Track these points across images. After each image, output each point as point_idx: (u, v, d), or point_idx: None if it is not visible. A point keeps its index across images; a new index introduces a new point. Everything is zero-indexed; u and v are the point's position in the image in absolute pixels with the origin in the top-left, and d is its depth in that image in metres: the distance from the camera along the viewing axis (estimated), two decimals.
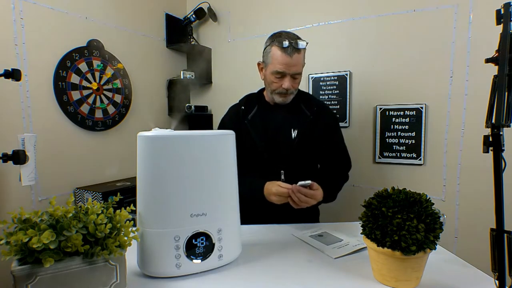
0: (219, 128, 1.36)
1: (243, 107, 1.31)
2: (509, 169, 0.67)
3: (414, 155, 1.77)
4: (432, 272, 0.74)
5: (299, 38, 1.17)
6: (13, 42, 1.49)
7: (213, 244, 0.75)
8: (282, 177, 1.22)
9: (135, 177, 0.74)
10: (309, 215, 1.31)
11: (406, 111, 1.77)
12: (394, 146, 1.82)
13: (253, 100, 1.34)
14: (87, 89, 1.81)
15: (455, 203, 1.69)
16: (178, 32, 2.38)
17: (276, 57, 1.15)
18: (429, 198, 0.68)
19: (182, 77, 2.28)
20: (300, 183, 1.00)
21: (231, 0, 2.30)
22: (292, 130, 1.25)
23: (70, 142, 1.74)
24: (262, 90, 1.35)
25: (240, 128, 1.26)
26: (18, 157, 1.08)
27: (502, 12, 0.60)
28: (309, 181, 1.00)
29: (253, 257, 0.84)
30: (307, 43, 1.16)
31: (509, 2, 0.60)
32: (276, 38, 1.16)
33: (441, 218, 0.66)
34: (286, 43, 1.12)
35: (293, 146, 1.23)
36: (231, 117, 1.35)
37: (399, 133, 1.80)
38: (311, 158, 1.29)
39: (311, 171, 1.31)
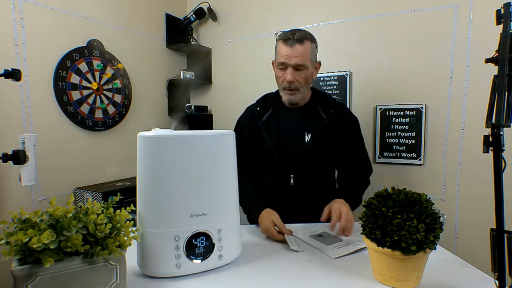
0: (235, 129, 1.31)
1: (258, 108, 1.27)
2: (509, 169, 0.67)
3: (414, 155, 1.77)
4: (432, 272, 0.74)
5: (309, 34, 1.16)
6: (13, 42, 1.49)
7: (213, 244, 0.75)
8: (292, 181, 1.19)
9: (135, 177, 0.74)
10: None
11: (406, 111, 1.77)
12: (394, 146, 1.82)
13: (269, 101, 1.30)
14: (87, 89, 1.81)
15: (455, 203, 1.69)
16: (178, 32, 2.38)
17: (279, 50, 1.15)
18: (429, 198, 0.68)
19: (182, 77, 2.28)
20: (291, 245, 0.90)
21: (231, 0, 2.30)
22: (306, 133, 1.20)
23: (70, 142, 1.74)
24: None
25: (255, 130, 1.24)
26: (18, 157, 1.08)
27: (502, 12, 0.60)
28: (302, 250, 0.90)
29: (253, 257, 0.84)
30: (307, 33, 1.15)
31: (509, 2, 0.60)
32: (281, 34, 1.16)
33: (441, 218, 0.66)
34: (287, 35, 1.13)
35: (305, 150, 1.18)
36: (247, 117, 1.32)
37: (399, 133, 1.80)
38: (324, 163, 1.24)
39: (322, 177, 1.26)
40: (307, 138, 1.19)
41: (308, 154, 1.19)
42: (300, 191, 1.20)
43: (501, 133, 0.55)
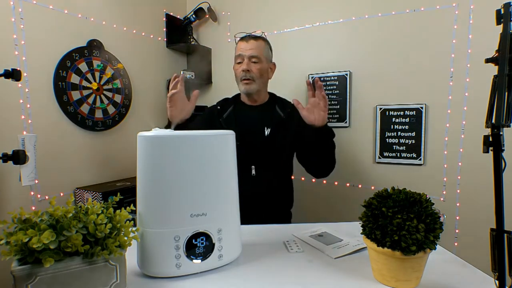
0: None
1: (218, 107, 1.40)
2: (509, 169, 0.67)
3: (414, 155, 1.77)
4: (432, 272, 0.74)
5: (263, 36, 1.37)
6: (13, 42, 1.49)
7: (213, 244, 0.75)
8: (253, 172, 1.29)
9: (135, 177, 0.74)
10: (280, 219, 1.37)
11: (406, 111, 1.77)
12: (394, 146, 1.82)
13: (229, 101, 1.43)
14: (87, 89, 1.81)
15: (455, 203, 1.69)
16: (178, 32, 2.38)
17: (237, 47, 1.35)
18: (429, 198, 0.68)
19: None
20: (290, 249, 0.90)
21: (231, 0, 2.30)
22: (266, 128, 1.31)
23: (70, 142, 1.74)
24: (239, 93, 1.46)
25: (215, 127, 1.33)
26: (18, 157, 1.08)
27: (502, 12, 0.60)
28: (302, 250, 0.89)
29: (253, 257, 0.84)
30: (263, 32, 1.35)
31: (509, 2, 0.60)
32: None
33: (441, 218, 0.66)
34: (243, 35, 1.35)
35: (266, 143, 1.29)
36: (205, 118, 1.43)
37: (399, 133, 1.80)
38: (283, 155, 1.35)
39: (281, 167, 1.36)
40: (267, 132, 1.31)
41: (268, 146, 1.30)
42: (261, 181, 1.30)
43: (501, 133, 0.55)
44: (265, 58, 1.34)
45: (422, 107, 1.73)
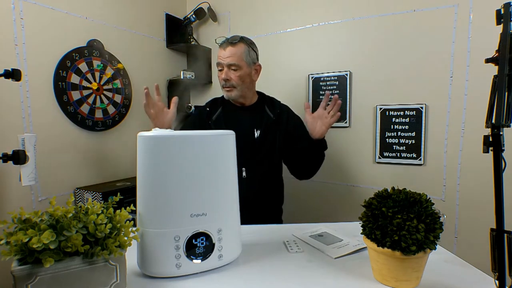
0: (185, 129, 1.43)
1: (208, 109, 1.39)
2: (509, 169, 0.67)
3: (414, 155, 1.77)
4: (432, 272, 0.74)
5: (244, 38, 1.32)
6: (13, 42, 1.49)
7: (213, 244, 0.75)
8: (244, 174, 1.29)
9: (135, 177, 0.74)
10: (272, 217, 1.41)
11: (406, 111, 1.77)
12: (394, 146, 1.82)
13: (218, 102, 1.42)
14: (87, 89, 1.81)
15: (455, 203, 1.69)
16: (178, 32, 2.38)
17: (218, 54, 1.32)
18: (429, 198, 0.68)
19: (182, 77, 2.28)
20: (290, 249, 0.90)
21: (231, 0, 2.30)
22: (255, 130, 1.32)
23: (70, 142, 1.74)
24: None
25: (204, 129, 1.34)
26: (18, 157, 1.08)
27: (502, 12, 0.60)
28: (302, 250, 0.89)
29: (253, 257, 0.84)
30: (241, 37, 1.30)
31: (509, 2, 0.60)
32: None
33: (441, 218, 0.66)
34: (222, 40, 1.31)
35: (256, 144, 1.30)
36: (194, 121, 1.42)
37: (399, 133, 1.80)
38: (273, 156, 1.36)
39: (271, 169, 1.37)
40: (257, 134, 1.31)
41: (258, 148, 1.31)
42: (252, 182, 1.31)
43: (501, 133, 0.55)
44: (246, 63, 1.29)
45: (422, 107, 1.73)
